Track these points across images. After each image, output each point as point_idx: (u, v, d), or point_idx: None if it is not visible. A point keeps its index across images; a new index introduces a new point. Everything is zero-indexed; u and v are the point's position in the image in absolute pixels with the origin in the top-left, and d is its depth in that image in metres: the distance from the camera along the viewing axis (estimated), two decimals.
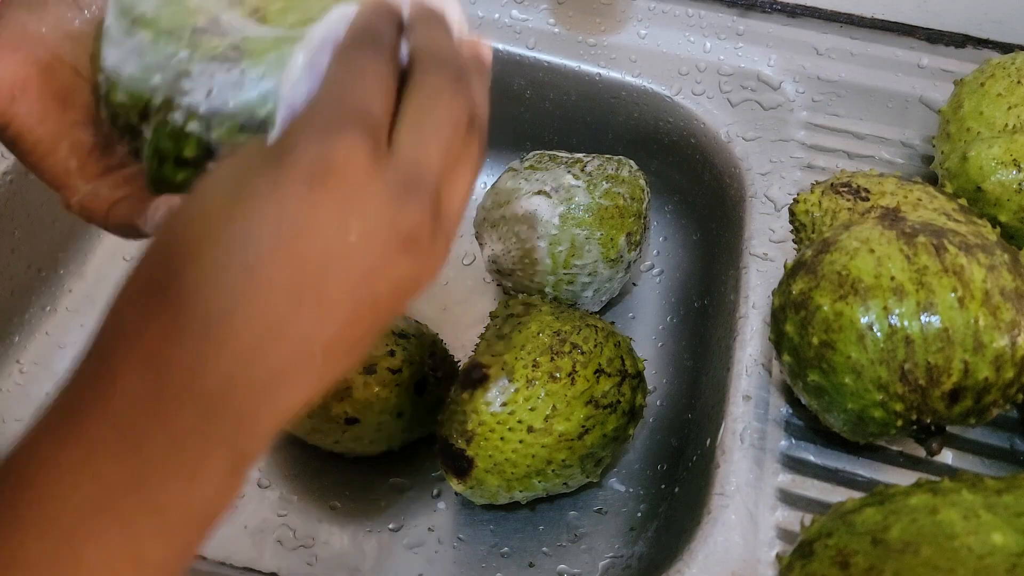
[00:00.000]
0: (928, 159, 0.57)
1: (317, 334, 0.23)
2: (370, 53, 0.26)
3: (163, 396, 0.22)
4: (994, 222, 0.47)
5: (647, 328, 0.62)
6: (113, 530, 0.22)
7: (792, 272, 0.43)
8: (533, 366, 0.47)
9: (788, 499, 0.44)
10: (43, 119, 0.31)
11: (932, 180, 0.51)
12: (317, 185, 0.23)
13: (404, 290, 0.25)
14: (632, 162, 0.60)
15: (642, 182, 0.59)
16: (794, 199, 0.48)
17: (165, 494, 0.22)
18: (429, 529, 0.53)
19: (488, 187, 0.59)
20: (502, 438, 0.46)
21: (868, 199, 0.45)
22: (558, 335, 0.48)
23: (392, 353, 0.51)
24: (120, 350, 0.23)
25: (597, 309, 0.60)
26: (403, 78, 0.27)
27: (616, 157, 0.60)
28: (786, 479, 0.44)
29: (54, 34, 0.31)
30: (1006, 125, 0.49)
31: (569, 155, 0.59)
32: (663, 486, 0.53)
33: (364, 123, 0.24)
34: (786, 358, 0.43)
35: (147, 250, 0.24)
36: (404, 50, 0.28)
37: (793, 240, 0.50)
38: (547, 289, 0.56)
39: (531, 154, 0.60)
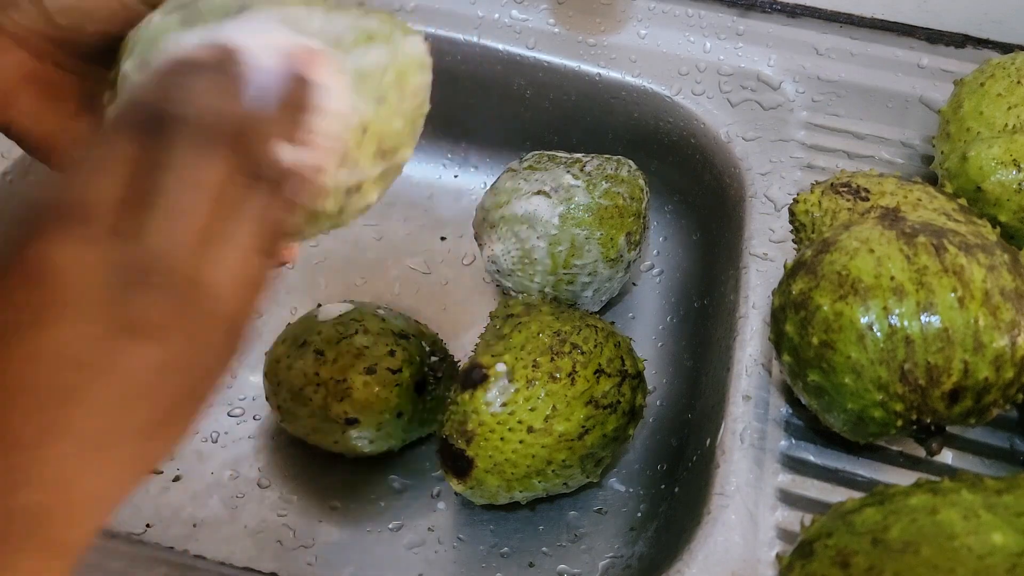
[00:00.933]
0: (928, 159, 0.57)
1: (83, 430, 0.23)
2: (115, 130, 0.26)
3: None
4: (994, 222, 0.47)
5: (647, 328, 0.62)
6: None
7: (792, 272, 0.43)
8: (533, 366, 0.47)
9: (788, 499, 0.44)
10: (39, 120, 0.32)
11: (932, 180, 0.51)
12: (32, 296, 0.23)
13: (168, 375, 0.25)
14: (631, 162, 0.60)
15: (641, 182, 0.59)
16: (794, 199, 0.48)
17: None
18: (429, 529, 0.53)
19: (487, 187, 0.59)
20: (502, 438, 0.46)
21: (868, 199, 0.45)
22: (558, 335, 0.48)
23: (392, 353, 0.51)
24: None
25: (597, 309, 0.60)
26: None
27: (615, 157, 0.60)
28: (786, 479, 0.44)
29: (29, 34, 0.31)
30: (1006, 125, 0.49)
31: (568, 155, 0.59)
32: (663, 486, 0.53)
33: (73, 219, 0.24)
34: (786, 358, 0.43)
35: None
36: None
37: (793, 240, 0.50)
38: (547, 289, 0.56)
39: (530, 154, 0.60)
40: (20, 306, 0.23)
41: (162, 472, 0.55)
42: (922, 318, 0.38)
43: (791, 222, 0.49)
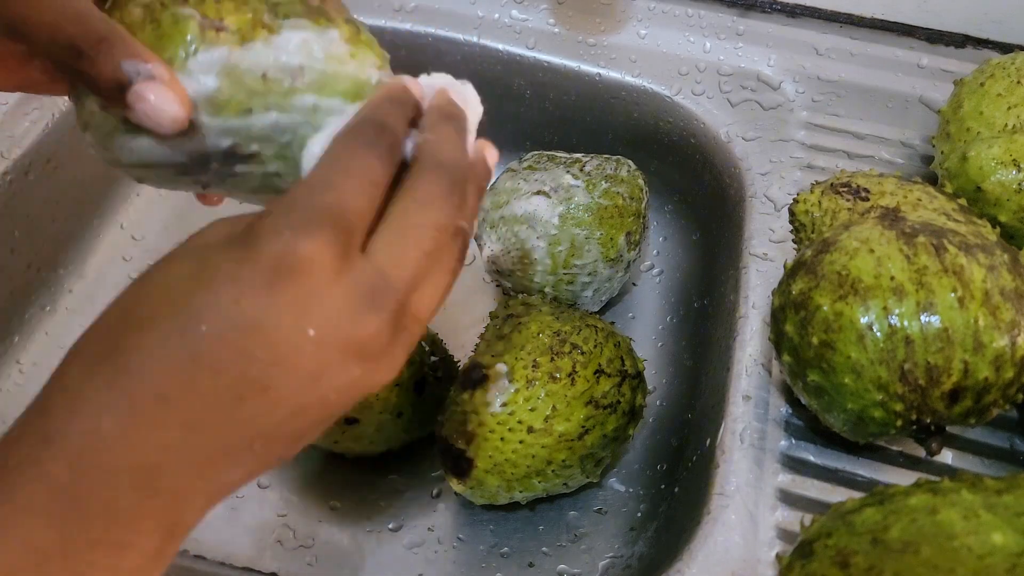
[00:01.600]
0: (928, 159, 0.57)
1: (256, 427, 0.24)
2: (363, 147, 0.26)
3: (97, 464, 0.22)
4: (994, 222, 0.47)
5: (647, 328, 0.62)
6: None
7: (792, 272, 0.43)
8: (533, 366, 0.47)
9: (788, 499, 0.44)
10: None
11: (932, 180, 0.51)
12: (276, 283, 0.23)
13: (353, 393, 0.25)
14: (630, 162, 0.60)
15: (641, 181, 0.59)
16: (794, 199, 0.48)
17: (94, 562, 0.22)
18: (429, 529, 0.53)
19: (487, 187, 0.59)
20: (502, 438, 0.46)
21: (868, 199, 0.45)
22: (558, 335, 0.48)
23: None
24: (60, 412, 0.23)
25: (597, 309, 0.60)
26: (404, 169, 0.27)
27: (614, 157, 0.60)
28: (786, 479, 0.44)
29: None
30: (1006, 125, 0.49)
31: (567, 155, 0.59)
32: (663, 486, 0.53)
33: (336, 224, 0.24)
34: (786, 358, 0.43)
35: (107, 309, 0.24)
36: (412, 142, 0.28)
37: (793, 240, 0.50)
38: (547, 289, 0.56)
39: (529, 154, 0.60)
40: (254, 289, 0.23)
41: None
42: (922, 318, 0.38)
43: (791, 222, 0.49)
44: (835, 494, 0.44)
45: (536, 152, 0.60)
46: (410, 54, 0.65)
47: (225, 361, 0.23)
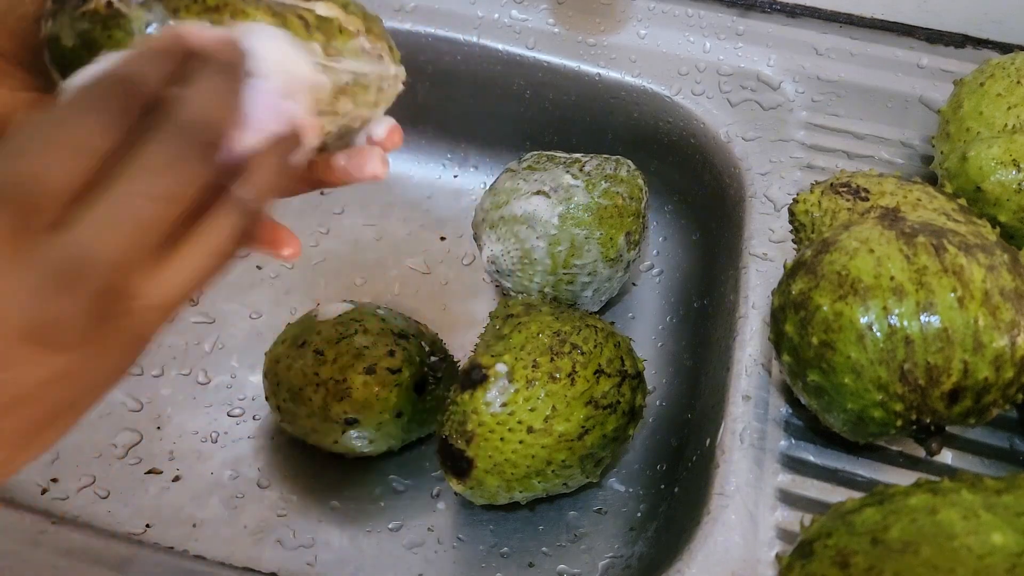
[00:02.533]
0: (928, 159, 0.57)
1: None
2: (83, 109, 0.23)
3: None
4: (994, 222, 0.47)
5: (647, 328, 0.62)
6: None
7: (792, 272, 0.43)
8: (533, 366, 0.47)
9: (788, 499, 0.44)
10: None
11: (932, 180, 0.51)
12: None
13: (63, 386, 0.23)
14: (630, 162, 0.60)
15: (640, 181, 0.59)
16: (794, 199, 0.48)
17: None
18: (429, 529, 0.53)
19: (486, 188, 0.59)
20: (502, 439, 0.46)
21: (868, 199, 0.45)
22: (558, 335, 0.48)
23: (392, 353, 0.51)
24: None
25: (596, 309, 0.60)
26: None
27: (614, 157, 0.60)
28: (786, 479, 0.44)
29: None
30: (1006, 125, 0.49)
31: (567, 155, 0.59)
32: (663, 486, 0.53)
33: (12, 203, 0.21)
34: (786, 358, 0.43)
35: None
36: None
37: (793, 240, 0.50)
38: (547, 289, 0.56)
39: (529, 155, 0.60)
40: None
41: (162, 472, 0.55)
42: (922, 318, 0.38)
43: (791, 222, 0.49)
44: (835, 494, 0.44)
45: (535, 152, 0.60)
46: (410, 54, 0.65)
47: None
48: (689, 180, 0.64)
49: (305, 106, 0.27)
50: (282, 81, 0.26)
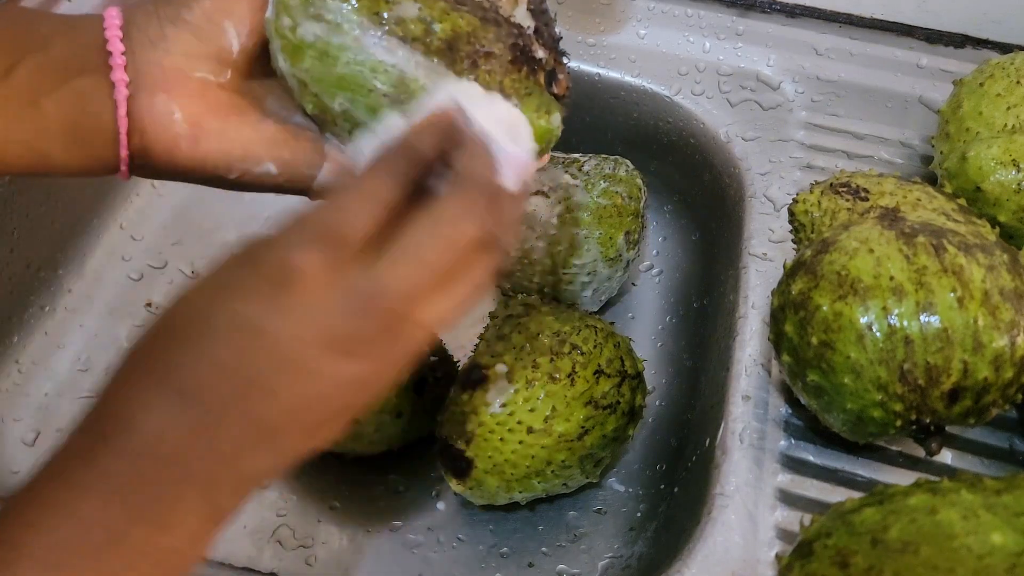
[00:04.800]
0: (927, 159, 0.57)
1: (263, 420, 0.26)
2: (379, 170, 0.29)
3: (142, 456, 0.25)
4: (993, 222, 0.47)
5: (646, 328, 0.62)
6: (90, 568, 0.25)
7: (791, 272, 0.43)
8: (533, 367, 0.47)
9: (787, 499, 0.44)
10: (228, 142, 0.34)
11: (931, 180, 0.51)
12: (274, 291, 0.26)
13: (351, 388, 0.28)
14: (628, 161, 0.60)
15: (639, 181, 0.59)
16: (793, 199, 0.48)
17: (143, 538, 0.25)
18: (428, 529, 0.53)
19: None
20: (502, 439, 0.46)
21: (867, 199, 0.45)
22: (558, 336, 0.48)
23: None
24: (111, 414, 0.26)
25: (596, 309, 0.60)
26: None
27: (612, 157, 0.60)
28: (785, 479, 0.44)
29: (188, 61, 0.33)
30: (1005, 125, 0.49)
31: (565, 155, 0.59)
32: (662, 486, 0.53)
33: (329, 239, 0.27)
34: (785, 358, 0.43)
35: (153, 325, 0.27)
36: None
37: (792, 240, 0.50)
38: (546, 289, 0.56)
39: None
40: (252, 295, 0.26)
41: None
42: (921, 318, 0.38)
43: (790, 222, 0.49)
44: (835, 494, 0.44)
45: None
46: None
47: (232, 361, 0.26)
48: (689, 180, 0.64)
49: (528, 148, 0.32)
50: (507, 135, 0.31)
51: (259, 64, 0.34)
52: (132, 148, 0.33)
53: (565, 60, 0.36)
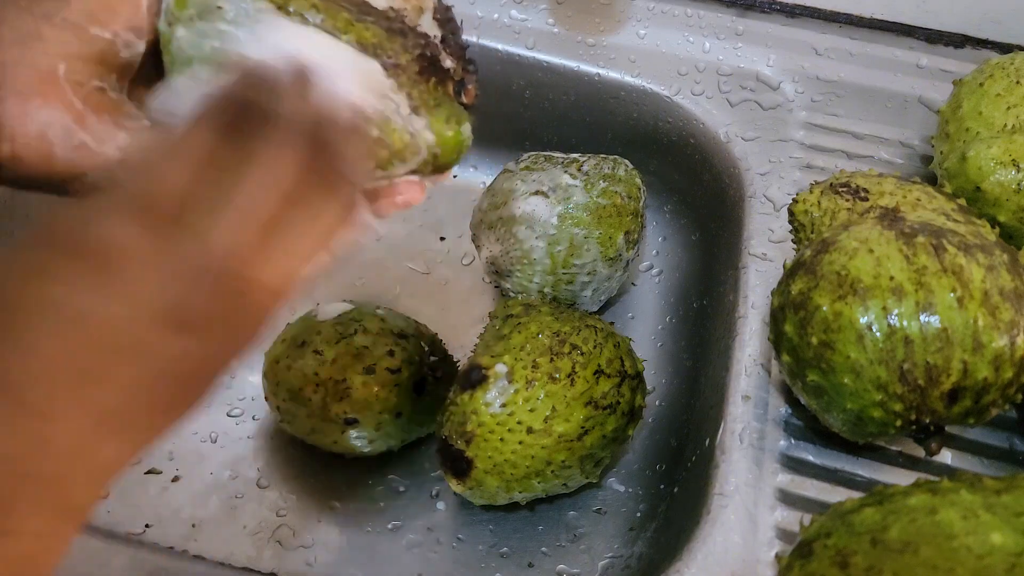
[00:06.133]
0: (927, 159, 0.57)
1: (105, 404, 0.25)
2: (200, 125, 0.26)
3: None
4: (993, 222, 0.47)
5: (646, 328, 0.62)
6: None
7: (791, 272, 0.43)
8: (532, 367, 0.47)
9: (787, 499, 0.44)
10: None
11: (931, 180, 0.51)
12: (93, 270, 0.24)
13: (195, 362, 0.26)
14: (627, 161, 0.60)
15: (638, 180, 0.59)
16: (793, 199, 0.48)
17: None
18: (428, 529, 0.53)
19: (484, 189, 0.59)
20: (501, 439, 0.46)
21: (867, 199, 0.45)
22: (557, 336, 0.48)
23: (391, 353, 0.51)
24: None
25: (596, 309, 0.60)
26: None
27: (611, 156, 0.60)
28: (785, 479, 0.44)
29: (68, 63, 0.31)
30: (1005, 125, 0.49)
31: (564, 155, 0.59)
32: (662, 486, 0.53)
33: (142, 206, 0.25)
34: (785, 358, 0.43)
35: None
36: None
37: (792, 240, 0.50)
38: (546, 289, 0.56)
39: (526, 155, 0.60)
40: (70, 279, 0.24)
41: (161, 472, 0.55)
42: (921, 318, 0.38)
43: (790, 222, 0.49)
44: (834, 494, 0.44)
45: (532, 152, 0.60)
46: None
47: (59, 353, 0.24)
48: (688, 180, 0.64)
49: (366, 89, 0.31)
50: (346, 75, 0.30)
51: (149, 68, 0.32)
52: (1, 157, 0.30)
53: (473, 68, 0.35)
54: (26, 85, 0.30)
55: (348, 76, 0.30)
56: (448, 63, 0.34)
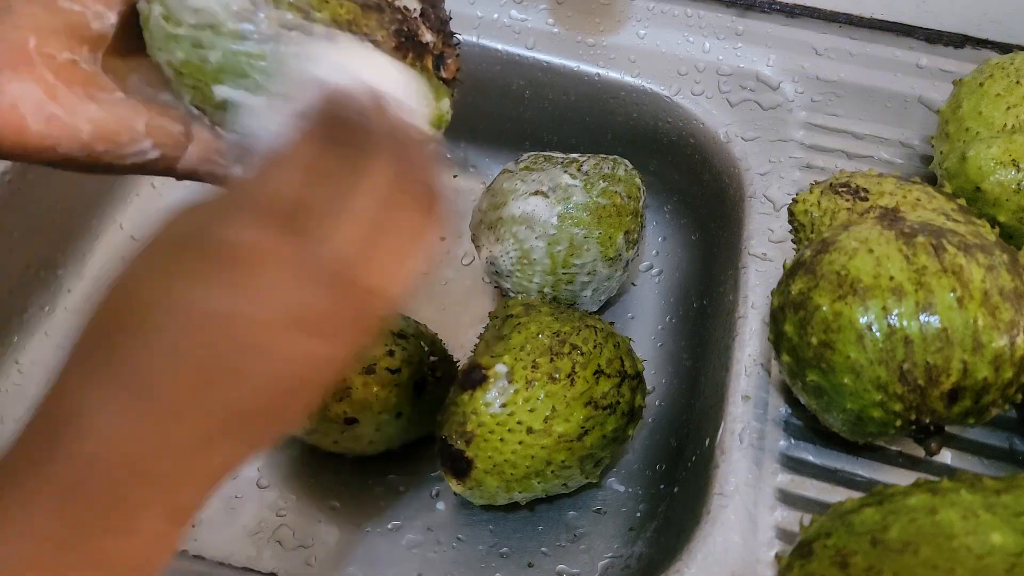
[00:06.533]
0: (927, 159, 0.57)
1: (233, 405, 0.25)
2: (311, 137, 0.28)
3: (95, 460, 0.24)
4: (993, 222, 0.47)
5: (646, 328, 0.62)
6: None
7: (791, 272, 0.43)
8: (532, 367, 0.47)
9: (787, 499, 0.44)
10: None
11: (931, 180, 0.51)
12: (227, 271, 0.25)
13: (320, 366, 0.27)
14: (627, 161, 0.60)
15: (637, 180, 0.59)
16: (793, 199, 0.48)
17: (100, 548, 0.24)
18: (428, 529, 0.53)
19: (484, 189, 0.59)
20: (501, 439, 0.46)
21: (867, 199, 0.45)
22: (557, 336, 0.48)
23: (391, 353, 0.51)
24: (62, 416, 0.25)
25: (596, 309, 0.60)
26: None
27: (611, 156, 0.60)
28: (785, 479, 0.44)
29: (39, 36, 0.30)
30: (1005, 125, 0.49)
31: (564, 155, 0.59)
32: (662, 486, 0.53)
33: (270, 212, 0.26)
34: (785, 358, 0.43)
35: (91, 318, 0.26)
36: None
37: (792, 240, 0.50)
38: (546, 289, 0.56)
39: (526, 155, 0.60)
40: (203, 278, 0.25)
41: None
42: (921, 318, 0.38)
43: (790, 222, 0.49)
44: (834, 494, 0.44)
45: (532, 153, 0.60)
46: None
47: (191, 351, 0.24)
48: (688, 180, 0.64)
49: (422, 109, 0.33)
50: (392, 86, 0.31)
51: (122, 40, 0.32)
52: None
53: (455, 41, 0.35)
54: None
55: (405, 94, 0.31)
56: (428, 37, 0.33)
